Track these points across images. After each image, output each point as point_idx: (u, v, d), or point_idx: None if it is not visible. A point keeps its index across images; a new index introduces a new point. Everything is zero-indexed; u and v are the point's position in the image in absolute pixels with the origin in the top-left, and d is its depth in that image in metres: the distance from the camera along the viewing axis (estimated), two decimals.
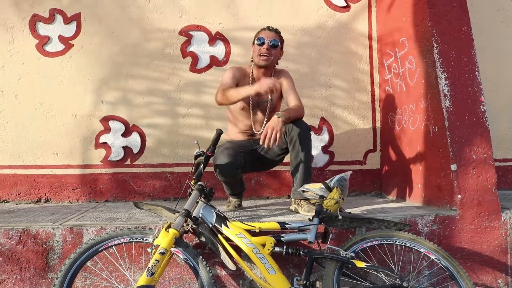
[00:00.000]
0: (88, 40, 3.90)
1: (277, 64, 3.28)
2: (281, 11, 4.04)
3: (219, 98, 3.05)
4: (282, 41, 3.23)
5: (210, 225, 2.43)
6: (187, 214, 2.33)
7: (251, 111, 3.21)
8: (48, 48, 3.88)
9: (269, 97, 3.18)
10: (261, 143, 2.86)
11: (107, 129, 3.89)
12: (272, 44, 3.12)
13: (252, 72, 3.22)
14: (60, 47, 3.89)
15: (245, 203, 3.54)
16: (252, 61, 3.23)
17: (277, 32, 3.19)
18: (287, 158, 3.21)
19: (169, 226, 2.26)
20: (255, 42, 3.17)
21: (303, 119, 3.10)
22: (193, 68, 3.97)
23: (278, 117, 2.87)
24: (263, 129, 3.18)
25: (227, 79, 3.13)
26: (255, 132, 3.24)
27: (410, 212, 2.97)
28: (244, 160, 3.06)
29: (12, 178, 3.84)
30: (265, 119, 3.21)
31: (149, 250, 2.24)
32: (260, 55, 3.11)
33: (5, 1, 3.85)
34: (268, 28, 3.19)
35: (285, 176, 3.94)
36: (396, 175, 3.75)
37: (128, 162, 3.91)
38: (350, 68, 4.10)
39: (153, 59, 3.94)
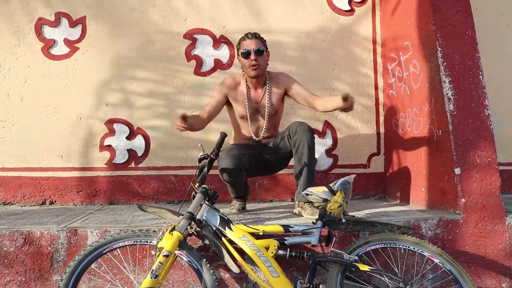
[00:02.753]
0: (93, 43, 3.93)
1: (267, 64, 3.23)
2: (285, 14, 4.05)
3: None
4: (265, 43, 3.19)
5: (214, 228, 2.43)
6: (191, 217, 2.33)
7: (249, 118, 3.21)
8: (54, 51, 3.91)
9: (267, 102, 3.18)
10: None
11: (112, 132, 3.91)
12: (258, 52, 3.08)
13: (246, 82, 3.21)
14: (66, 50, 3.91)
15: (248, 206, 3.55)
16: (243, 71, 3.22)
17: (257, 37, 3.14)
18: (291, 162, 3.22)
19: (173, 229, 2.27)
20: (240, 54, 3.12)
21: (307, 122, 3.10)
22: (198, 71, 3.98)
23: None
24: (263, 135, 3.20)
25: (209, 102, 3.18)
26: (256, 139, 3.24)
27: (414, 215, 2.97)
28: (249, 162, 3.07)
29: (17, 180, 3.86)
30: (265, 125, 3.21)
31: (153, 252, 2.24)
32: (250, 67, 3.09)
33: (12, 5, 3.88)
34: (248, 36, 3.12)
35: (288, 179, 3.94)
36: (399, 178, 3.75)
37: (133, 164, 3.93)
38: (354, 72, 4.11)
39: (158, 62, 3.96)
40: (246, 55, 3.08)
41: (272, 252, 2.33)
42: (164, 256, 2.14)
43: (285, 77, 3.26)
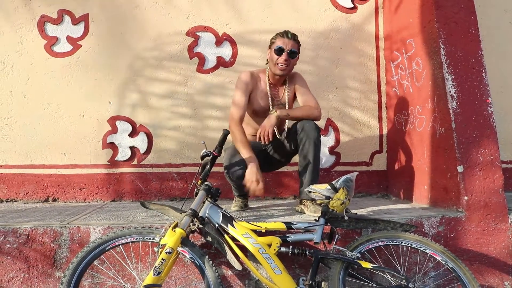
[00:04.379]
0: (96, 41, 3.93)
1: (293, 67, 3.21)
2: (287, 12, 4.05)
3: (230, 128, 3.01)
4: (299, 47, 3.15)
5: (217, 225, 2.44)
6: (194, 214, 2.34)
7: (264, 115, 3.18)
8: (56, 48, 3.91)
9: (284, 100, 3.17)
10: (257, 140, 2.93)
11: (114, 129, 3.91)
12: (291, 53, 3.04)
13: (268, 76, 3.18)
14: (68, 47, 3.92)
15: (251, 203, 3.55)
16: (267, 63, 3.17)
17: (295, 39, 3.09)
18: (294, 159, 3.22)
19: (175, 226, 2.28)
20: (273, 49, 3.07)
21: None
22: (200, 68, 3.98)
23: (271, 114, 2.96)
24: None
25: (237, 104, 3.05)
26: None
27: (416, 213, 2.97)
28: None
29: (20, 177, 3.87)
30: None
31: (155, 249, 2.25)
32: (278, 64, 3.05)
33: (14, 2, 3.88)
34: (287, 36, 3.06)
35: (291, 177, 3.94)
36: (402, 176, 3.75)
37: (135, 162, 3.93)
38: (357, 70, 4.10)
39: (160, 60, 3.96)
40: (279, 52, 3.04)
41: (275, 249, 2.33)
42: (166, 253, 2.15)
43: (298, 77, 3.25)
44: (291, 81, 3.22)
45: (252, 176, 2.79)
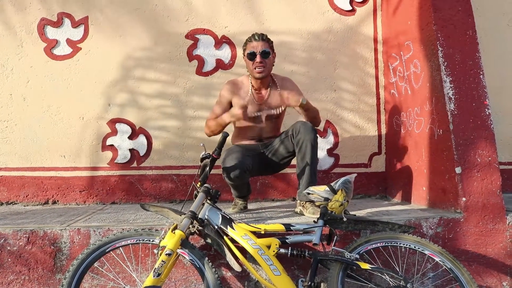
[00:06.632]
0: (96, 44, 3.94)
1: (273, 65, 3.21)
2: (287, 14, 4.06)
3: (206, 131, 3.20)
4: (271, 45, 3.17)
5: (216, 227, 2.45)
6: (193, 216, 2.35)
7: (252, 119, 3.20)
8: (56, 51, 3.93)
9: (265, 103, 3.18)
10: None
11: (114, 132, 3.92)
12: (264, 54, 3.06)
13: (251, 83, 3.21)
14: (68, 50, 3.93)
15: (250, 205, 3.56)
16: (248, 71, 3.21)
17: (264, 39, 3.11)
18: (293, 161, 3.23)
19: (175, 228, 2.29)
20: (246, 55, 3.11)
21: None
22: (199, 71, 4.00)
23: (299, 99, 2.99)
24: (265, 136, 3.23)
25: (213, 111, 3.23)
26: (258, 140, 3.25)
27: (415, 214, 2.98)
28: (252, 163, 3.07)
29: (20, 180, 3.88)
30: (268, 126, 3.22)
31: (155, 251, 2.26)
32: (255, 69, 3.07)
33: (14, 5, 3.90)
34: (254, 38, 3.09)
35: (290, 179, 3.95)
36: (401, 178, 3.76)
37: (135, 164, 3.94)
38: (356, 71, 4.12)
39: (160, 62, 3.97)
40: (252, 56, 3.07)
41: (274, 251, 2.34)
42: (166, 254, 2.16)
43: (288, 83, 3.26)
44: (279, 86, 3.22)
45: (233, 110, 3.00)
